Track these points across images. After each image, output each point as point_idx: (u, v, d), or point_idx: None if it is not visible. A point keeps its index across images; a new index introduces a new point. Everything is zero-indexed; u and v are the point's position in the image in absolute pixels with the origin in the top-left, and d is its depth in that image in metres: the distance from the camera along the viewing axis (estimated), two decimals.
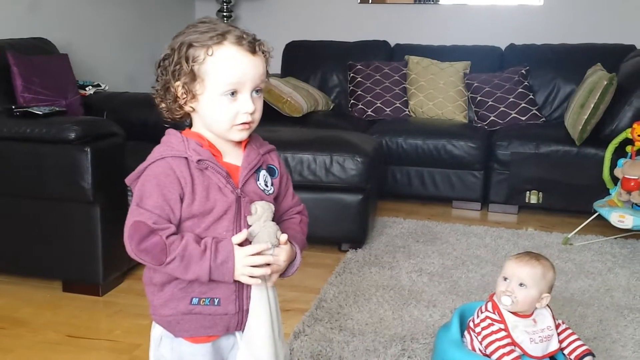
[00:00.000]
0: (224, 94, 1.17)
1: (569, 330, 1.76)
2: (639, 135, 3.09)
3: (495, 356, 1.63)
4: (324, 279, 2.72)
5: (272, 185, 1.28)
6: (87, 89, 3.52)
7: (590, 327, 2.30)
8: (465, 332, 1.77)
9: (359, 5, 4.97)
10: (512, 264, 1.71)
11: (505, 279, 1.70)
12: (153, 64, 1.25)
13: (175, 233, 1.16)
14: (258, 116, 1.22)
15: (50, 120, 2.51)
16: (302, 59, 4.76)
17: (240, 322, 1.24)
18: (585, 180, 3.54)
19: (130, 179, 1.22)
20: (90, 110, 3.31)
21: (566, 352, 1.73)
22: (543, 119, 4.15)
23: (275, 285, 1.29)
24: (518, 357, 1.62)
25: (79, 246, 2.50)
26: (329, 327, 2.25)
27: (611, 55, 4.04)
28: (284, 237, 1.22)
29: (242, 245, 1.19)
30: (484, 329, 1.68)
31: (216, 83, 1.16)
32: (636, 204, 3.07)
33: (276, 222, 1.23)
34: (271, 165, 1.30)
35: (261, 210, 1.20)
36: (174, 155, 1.18)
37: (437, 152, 3.82)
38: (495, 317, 1.68)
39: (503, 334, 1.65)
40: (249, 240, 1.20)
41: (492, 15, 4.71)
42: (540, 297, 1.68)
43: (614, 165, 3.26)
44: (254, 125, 1.22)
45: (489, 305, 1.72)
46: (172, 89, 1.20)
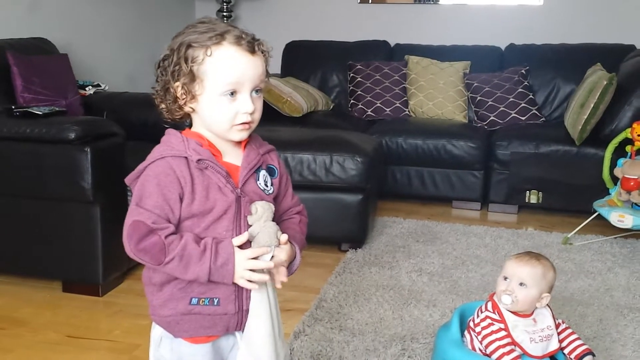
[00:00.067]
0: (223, 94, 1.17)
1: (569, 330, 1.76)
2: (639, 135, 3.09)
3: (495, 356, 1.63)
4: (324, 279, 2.72)
5: (272, 185, 1.27)
6: (87, 89, 3.52)
7: (590, 326, 2.30)
8: (465, 332, 1.77)
9: (359, 5, 4.97)
10: (513, 264, 1.71)
11: (506, 279, 1.70)
12: (153, 64, 1.25)
13: (174, 233, 1.16)
14: (258, 116, 1.21)
15: (50, 120, 2.51)
16: (302, 59, 4.76)
17: (240, 322, 1.24)
18: (585, 180, 3.54)
19: (129, 178, 1.22)
20: (90, 110, 3.32)
21: (566, 351, 1.73)
22: (543, 118, 4.15)
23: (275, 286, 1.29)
24: (518, 356, 1.62)
25: (79, 246, 2.50)
26: (329, 327, 2.25)
27: (611, 55, 4.04)
28: (284, 238, 1.22)
29: (242, 246, 1.19)
30: (484, 328, 1.68)
31: (215, 83, 1.16)
32: (636, 204, 3.07)
33: (276, 222, 1.23)
34: (271, 165, 1.29)
35: (261, 210, 1.20)
36: (174, 155, 1.18)
37: (437, 152, 3.82)
38: (495, 317, 1.68)
39: (503, 333, 1.65)
40: (249, 241, 1.20)
41: (492, 15, 4.71)
42: (540, 297, 1.68)
43: (613, 165, 3.26)
44: (254, 125, 1.22)
45: (489, 304, 1.72)
46: (171, 90, 1.20)
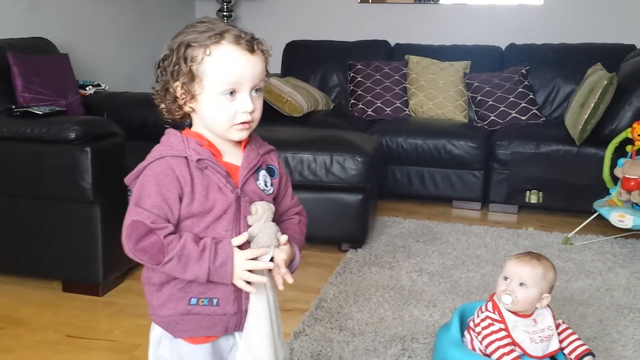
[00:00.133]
0: (222, 93, 1.16)
1: (569, 330, 1.76)
2: (639, 135, 3.09)
3: (496, 356, 1.63)
4: (324, 279, 2.72)
5: (271, 185, 1.27)
6: (87, 88, 3.52)
7: (591, 326, 2.30)
8: (466, 332, 1.77)
9: (359, 5, 4.97)
10: (513, 264, 1.71)
11: (506, 279, 1.70)
12: (153, 63, 1.24)
13: (173, 232, 1.16)
14: (258, 115, 1.21)
15: (50, 120, 2.51)
16: (302, 59, 4.76)
17: (239, 323, 1.24)
18: (585, 180, 3.54)
19: (129, 178, 1.21)
20: (90, 110, 3.31)
21: (566, 351, 1.73)
22: (543, 118, 4.15)
23: (274, 285, 1.28)
24: (518, 357, 1.62)
25: (79, 246, 2.50)
26: (329, 327, 2.25)
27: (611, 55, 4.04)
28: (284, 238, 1.22)
29: (242, 247, 1.18)
30: (484, 328, 1.67)
31: (215, 82, 1.16)
32: (636, 204, 3.07)
33: (275, 223, 1.23)
34: (271, 166, 1.29)
35: (261, 211, 1.20)
36: (174, 155, 1.18)
37: (437, 151, 3.82)
38: (496, 317, 1.68)
39: (503, 333, 1.65)
40: (249, 241, 1.20)
41: (492, 15, 4.71)
42: (540, 297, 1.68)
43: (614, 164, 3.26)
44: (254, 124, 1.21)
45: (489, 305, 1.72)
46: (171, 90, 1.20)
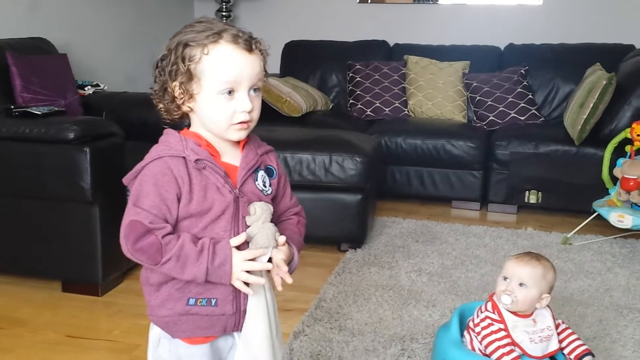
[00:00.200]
0: (220, 92, 1.16)
1: (569, 330, 1.76)
2: (638, 135, 3.09)
3: (495, 356, 1.63)
4: (324, 279, 2.72)
5: (270, 185, 1.27)
6: (86, 88, 3.52)
7: (590, 326, 2.30)
8: (465, 332, 1.77)
9: (358, 5, 4.97)
10: (513, 264, 1.71)
11: (506, 279, 1.70)
12: (152, 64, 1.24)
13: (171, 233, 1.16)
14: (256, 115, 1.21)
15: (49, 120, 2.50)
16: (301, 59, 4.76)
17: (237, 323, 1.24)
18: (584, 180, 3.54)
19: (127, 178, 1.21)
20: (89, 110, 3.31)
21: (566, 352, 1.73)
22: (542, 118, 4.15)
23: (273, 286, 1.28)
24: (518, 357, 1.62)
25: (78, 246, 2.50)
26: (328, 327, 2.25)
27: (610, 55, 4.04)
28: (282, 239, 1.22)
29: (240, 247, 1.18)
30: (484, 328, 1.67)
31: (213, 82, 1.16)
32: (635, 204, 3.07)
33: (274, 223, 1.22)
34: (269, 166, 1.29)
35: (260, 211, 1.19)
36: (172, 155, 1.17)
37: (437, 152, 3.82)
38: (495, 317, 1.68)
39: (503, 333, 1.65)
40: (247, 242, 1.19)
41: (491, 15, 4.71)
42: (540, 298, 1.68)
43: (613, 164, 3.26)
44: (252, 124, 1.21)
45: (489, 305, 1.71)
46: (169, 89, 1.20)
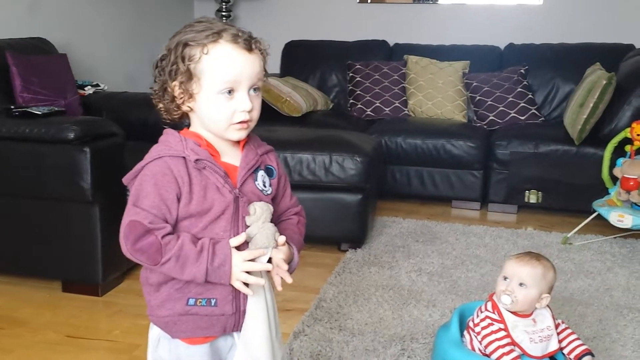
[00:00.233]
0: (220, 92, 1.16)
1: (569, 330, 1.76)
2: (638, 135, 3.09)
3: (495, 356, 1.63)
4: (324, 279, 2.72)
5: (270, 185, 1.27)
6: (86, 88, 3.52)
7: (590, 326, 2.30)
8: (465, 332, 1.77)
9: (358, 5, 4.97)
10: (513, 264, 1.71)
11: (506, 279, 1.70)
12: (152, 64, 1.24)
13: (171, 233, 1.16)
14: (256, 115, 1.21)
15: (49, 120, 2.50)
16: (301, 59, 4.76)
17: (237, 323, 1.24)
18: (584, 180, 3.54)
19: (127, 178, 1.21)
20: (89, 110, 3.31)
21: (566, 351, 1.73)
22: (542, 118, 4.15)
23: (272, 286, 1.28)
24: (518, 356, 1.62)
25: (79, 246, 2.50)
26: (328, 327, 2.25)
27: (610, 55, 4.04)
28: (282, 239, 1.21)
29: (240, 247, 1.18)
30: (484, 328, 1.67)
31: (212, 81, 1.16)
32: (635, 204, 3.07)
33: (274, 223, 1.22)
34: (269, 166, 1.29)
35: (260, 211, 1.19)
36: (172, 155, 1.17)
37: (437, 151, 3.82)
38: (495, 317, 1.68)
39: (503, 333, 1.65)
40: (247, 242, 1.19)
41: (491, 15, 4.71)
42: (540, 297, 1.68)
43: (613, 164, 3.26)
44: (252, 124, 1.21)
45: (489, 304, 1.71)
46: (169, 89, 1.20)
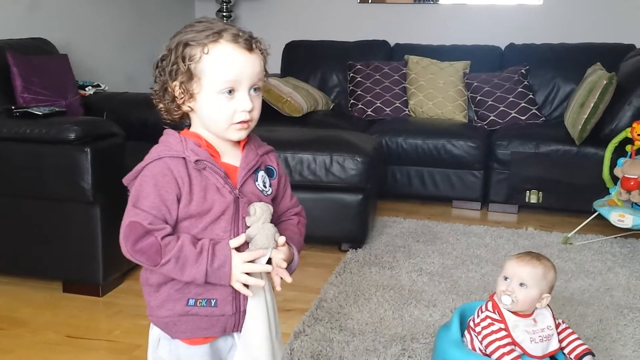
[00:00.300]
0: (221, 92, 1.16)
1: (569, 330, 1.76)
2: (639, 135, 3.09)
3: (496, 356, 1.63)
4: (324, 279, 2.72)
5: (270, 186, 1.27)
6: (86, 89, 3.52)
7: (590, 326, 2.30)
8: (466, 332, 1.77)
9: (358, 5, 4.97)
10: (513, 264, 1.70)
11: (506, 279, 1.69)
12: (152, 64, 1.24)
13: (171, 234, 1.16)
14: (257, 115, 1.21)
15: (50, 120, 2.51)
16: (302, 59, 4.76)
17: (237, 323, 1.24)
18: (585, 180, 3.54)
19: (127, 179, 1.21)
20: (90, 110, 3.31)
21: (566, 351, 1.73)
22: (543, 118, 4.15)
23: (273, 286, 1.28)
24: (518, 356, 1.62)
25: (79, 246, 2.50)
26: (329, 327, 2.25)
27: (611, 55, 4.04)
28: (282, 240, 1.21)
29: (240, 248, 1.18)
30: (484, 328, 1.67)
31: (213, 81, 1.16)
32: (636, 203, 3.07)
33: (274, 223, 1.22)
34: (269, 166, 1.29)
35: (260, 212, 1.19)
36: (172, 156, 1.17)
37: (437, 151, 3.82)
38: (496, 317, 1.68)
39: (503, 333, 1.65)
40: (247, 242, 1.19)
41: (492, 15, 4.71)
42: (540, 297, 1.68)
43: (613, 164, 3.26)
44: (253, 124, 1.21)
45: (489, 304, 1.71)
46: (169, 89, 1.20)
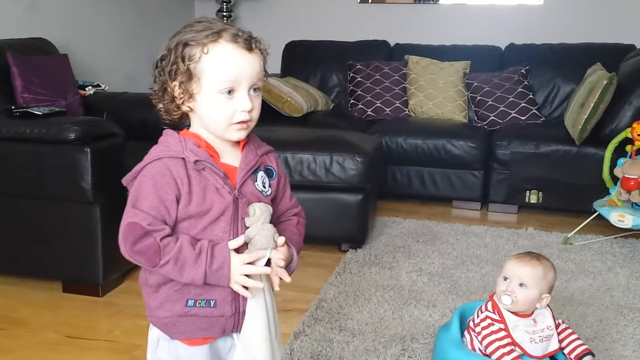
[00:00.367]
0: (220, 92, 1.16)
1: (569, 330, 1.76)
2: (639, 135, 3.09)
3: (495, 356, 1.63)
4: (324, 279, 2.72)
5: (269, 186, 1.26)
6: (86, 89, 3.52)
7: (590, 326, 2.30)
8: (465, 332, 1.77)
9: (358, 5, 4.97)
10: (513, 264, 1.70)
11: (506, 279, 1.69)
12: (152, 64, 1.24)
13: (170, 235, 1.16)
14: (256, 115, 1.21)
15: (49, 120, 2.51)
16: (301, 59, 4.76)
17: (237, 324, 1.23)
18: (585, 180, 3.54)
19: (126, 179, 1.21)
20: (89, 110, 3.31)
21: (566, 351, 1.73)
22: (543, 118, 4.15)
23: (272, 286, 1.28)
24: (518, 356, 1.62)
25: (79, 246, 2.50)
26: (329, 327, 2.25)
27: (611, 55, 4.04)
28: (281, 240, 1.21)
29: (239, 249, 1.18)
30: (484, 328, 1.67)
31: (212, 81, 1.16)
32: (636, 204, 3.07)
33: (273, 224, 1.22)
34: (269, 167, 1.28)
35: (259, 212, 1.19)
36: (171, 156, 1.17)
37: (437, 151, 3.82)
38: (496, 317, 1.68)
39: (503, 333, 1.65)
40: (246, 242, 1.19)
41: (492, 15, 4.71)
42: (540, 298, 1.68)
43: (613, 164, 3.26)
44: (252, 124, 1.21)
45: (489, 305, 1.71)
46: (169, 89, 1.19)
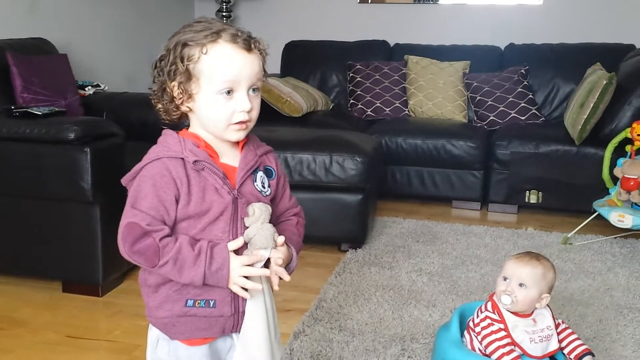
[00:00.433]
0: (219, 92, 1.16)
1: (569, 330, 1.76)
2: (639, 135, 3.09)
3: (495, 356, 1.63)
4: (324, 279, 2.72)
5: (269, 186, 1.26)
6: (86, 89, 3.52)
7: (590, 326, 2.30)
8: (465, 332, 1.77)
9: (358, 5, 4.97)
10: (513, 264, 1.70)
11: (505, 279, 1.69)
12: (152, 64, 1.24)
13: (169, 235, 1.16)
14: (255, 115, 1.20)
15: (49, 120, 2.51)
16: (301, 59, 4.76)
17: (236, 324, 1.23)
18: (584, 180, 3.54)
19: (126, 179, 1.21)
20: (89, 110, 3.31)
21: (566, 351, 1.73)
22: (542, 118, 4.15)
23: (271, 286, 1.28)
24: (518, 356, 1.62)
25: (79, 246, 2.50)
26: (328, 327, 2.25)
27: (610, 55, 4.04)
28: (281, 240, 1.21)
29: (239, 250, 1.18)
30: (484, 328, 1.67)
31: (212, 81, 1.16)
32: (636, 204, 3.07)
33: (273, 224, 1.22)
34: (268, 167, 1.28)
35: (259, 212, 1.19)
36: (170, 156, 1.17)
37: (437, 151, 3.82)
38: (495, 317, 1.68)
39: (503, 333, 1.65)
40: (246, 242, 1.19)
41: (492, 15, 4.71)
42: (540, 298, 1.68)
43: (613, 164, 3.26)
44: (251, 124, 1.21)
45: (489, 305, 1.71)
46: (168, 90, 1.19)
